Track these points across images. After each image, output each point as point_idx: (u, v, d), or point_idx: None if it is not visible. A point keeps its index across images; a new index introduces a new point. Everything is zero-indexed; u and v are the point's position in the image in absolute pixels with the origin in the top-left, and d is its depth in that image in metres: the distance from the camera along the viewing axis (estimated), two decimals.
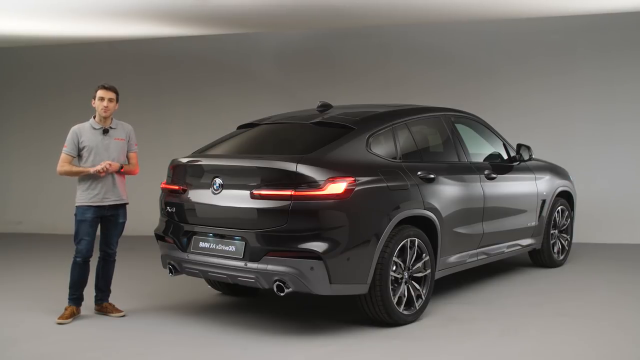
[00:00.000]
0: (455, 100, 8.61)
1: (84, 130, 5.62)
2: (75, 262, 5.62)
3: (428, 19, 9.49)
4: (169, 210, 5.64)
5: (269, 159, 5.19)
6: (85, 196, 5.57)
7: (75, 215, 5.59)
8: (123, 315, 5.71)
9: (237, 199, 5.17)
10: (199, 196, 5.37)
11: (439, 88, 9.80)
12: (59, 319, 5.54)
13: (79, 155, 5.63)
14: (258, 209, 5.03)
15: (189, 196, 5.49)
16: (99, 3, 7.96)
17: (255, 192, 5.05)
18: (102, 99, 5.57)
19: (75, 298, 5.67)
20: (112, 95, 5.62)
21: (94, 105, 5.63)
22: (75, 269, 5.63)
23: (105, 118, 5.64)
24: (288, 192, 4.91)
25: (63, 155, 5.58)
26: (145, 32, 10.03)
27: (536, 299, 6.27)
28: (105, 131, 5.64)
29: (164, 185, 5.78)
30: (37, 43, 10.98)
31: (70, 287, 5.66)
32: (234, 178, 5.25)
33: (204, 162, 5.56)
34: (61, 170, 5.61)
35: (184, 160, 5.69)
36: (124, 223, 5.79)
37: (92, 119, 5.68)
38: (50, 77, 11.46)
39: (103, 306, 5.80)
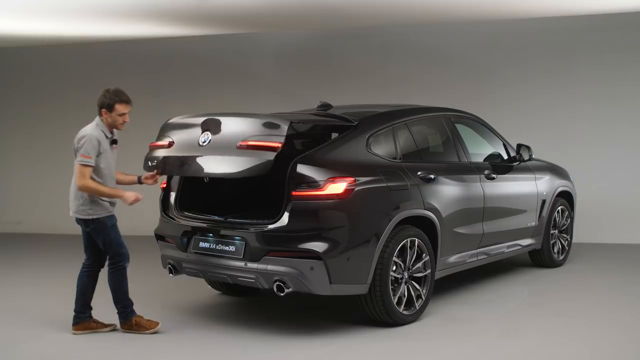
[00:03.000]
0: (455, 100, 8.59)
1: (102, 138, 5.08)
2: (125, 269, 5.22)
3: (428, 19, 9.48)
4: (151, 165, 5.44)
5: (258, 116, 5.10)
6: (108, 206, 5.17)
7: (105, 224, 5.13)
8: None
9: (224, 150, 5.03)
10: (186, 150, 5.26)
11: (439, 88, 9.78)
12: (152, 329, 5.22)
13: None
14: (244, 160, 4.88)
15: (175, 148, 5.37)
16: (99, 3, 7.94)
17: (242, 142, 4.93)
18: (123, 114, 5.13)
19: (132, 304, 5.30)
20: (131, 107, 5.18)
21: (104, 117, 5.11)
22: (125, 277, 5.23)
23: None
24: (276, 144, 4.79)
25: (88, 168, 4.97)
26: (145, 32, 10.02)
27: (536, 299, 6.27)
28: (114, 142, 5.24)
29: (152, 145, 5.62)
30: (37, 43, 10.96)
31: (127, 299, 5.24)
32: (222, 131, 5.13)
33: (194, 121, 5.45)
34: (90, 186, 4.99)
35: (175, 120, 5.64)
36: None
37: (101, 125, 5.13)
38: (49, 77, 11.43)
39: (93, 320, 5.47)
